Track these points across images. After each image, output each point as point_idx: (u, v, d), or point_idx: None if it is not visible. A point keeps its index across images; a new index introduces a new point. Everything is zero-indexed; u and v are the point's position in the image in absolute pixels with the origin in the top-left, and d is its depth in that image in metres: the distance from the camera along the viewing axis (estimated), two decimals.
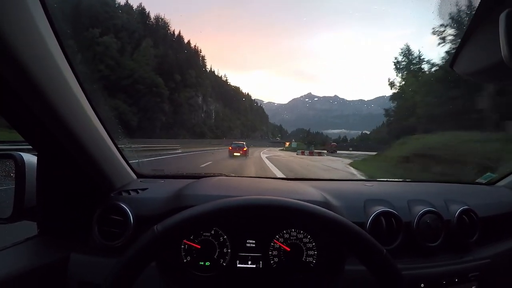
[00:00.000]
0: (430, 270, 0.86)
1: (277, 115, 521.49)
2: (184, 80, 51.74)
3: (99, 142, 0.82)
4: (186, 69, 54.79)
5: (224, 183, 1.10)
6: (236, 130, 74.06)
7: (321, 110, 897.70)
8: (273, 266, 0.89)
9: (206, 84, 67.71)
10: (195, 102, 53.97)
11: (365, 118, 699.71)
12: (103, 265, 0.79)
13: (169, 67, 47.27)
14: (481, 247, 0.98)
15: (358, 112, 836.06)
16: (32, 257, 0.77)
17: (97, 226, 0.83)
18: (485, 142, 6.77)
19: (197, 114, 54.36)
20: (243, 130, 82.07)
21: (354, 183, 1.39)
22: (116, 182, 0.95)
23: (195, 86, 56.67)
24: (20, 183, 0.80)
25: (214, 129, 59.69)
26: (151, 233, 0.48)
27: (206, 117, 61.56)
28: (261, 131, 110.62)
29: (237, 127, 76.82)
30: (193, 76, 55.18)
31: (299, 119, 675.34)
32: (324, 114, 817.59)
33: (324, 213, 0.53)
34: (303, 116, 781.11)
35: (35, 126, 0.66)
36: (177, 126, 44.41)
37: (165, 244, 0.50)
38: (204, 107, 60.88)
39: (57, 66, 0.62)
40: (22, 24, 0.52)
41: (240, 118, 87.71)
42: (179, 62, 53.11)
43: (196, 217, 0.51)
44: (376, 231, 0.86)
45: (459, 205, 0.99)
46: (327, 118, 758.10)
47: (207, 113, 63.36)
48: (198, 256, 0.88)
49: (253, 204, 0.53)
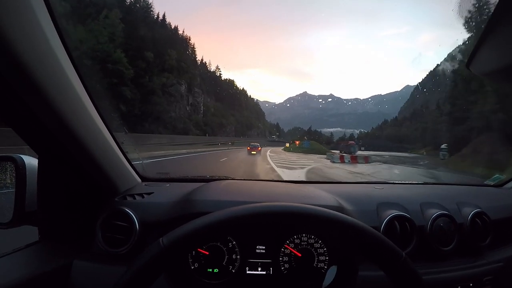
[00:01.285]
0: (445, 275, 0.85)
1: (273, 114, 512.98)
2: (160, 61, 40.79)
3: (102, 143, 0.81)
4: (164, 47, 43.58)
5: (233, 188, 1.05)
6: (229, 127, 63.50)
7: (317, 109, 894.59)
8: (284, 272, 0.86)
9: (194, 73, 56.47)
10: (176, 91, 43.20)
11: (361, 117, 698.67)
12: (108, 273, 0.77)
13: (139, 42, 36.15)
14: (493, 250, 0.97)
15: (353, 111, 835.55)
16: (34, 264, 0.75)
17: (101, 232, 0.81)
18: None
19: (179, 106, 43.47)
20: (237, 127, 71.41)
21: (364, 185, 1.34)
22: (120, 185, 0.93)
23: (177, 71, 45.82)
24: (20, 187, 0.78)
25: (202, 126, 49.09)
26: (157, 247, 0.46)
27: (192, 111, 50.53)
28: (257, 129, 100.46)
29: (230, 124, 66.26)
30: (173, 58, 44.07)
31: (294, 118, 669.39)
32: (319, 113, 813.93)
33: (342, 218, 0.51)
34: (299, 115, 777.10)
35: (36, 127, 0.64)
36: (149, 120, 33.30)
37: (172, 257, 0.47)
38: (189, 99, 49.54)
39: (60, 67, 0.61)
40: (25, 24, 0.50)
41: (234, 114, 77.76)
42: (155, 39, 41.62)
43: (205, 228, 0.48)
44: (390, 235, 0.85)
45: (472, 208, 0.98)
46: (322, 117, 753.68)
47: (194, 106, 52.21)
48: (206, 262, 0.85)
49: (267, 211, 0.50)
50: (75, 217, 0.86)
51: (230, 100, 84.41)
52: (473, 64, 0.55)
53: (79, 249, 0.82)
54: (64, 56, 0.62)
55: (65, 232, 0.86)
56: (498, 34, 0.47)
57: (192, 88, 52.15)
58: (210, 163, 14.05)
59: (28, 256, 0.78)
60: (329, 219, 0.51)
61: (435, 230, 0.90)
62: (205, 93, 64.22)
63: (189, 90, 50.07)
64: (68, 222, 0.86)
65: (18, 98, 0.55)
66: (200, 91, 56.21)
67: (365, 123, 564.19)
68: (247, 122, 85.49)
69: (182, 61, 48.67)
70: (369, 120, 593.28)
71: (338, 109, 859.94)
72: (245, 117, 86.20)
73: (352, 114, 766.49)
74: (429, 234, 0.89)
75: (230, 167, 12.19)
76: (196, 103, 54.00)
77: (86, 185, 0.85)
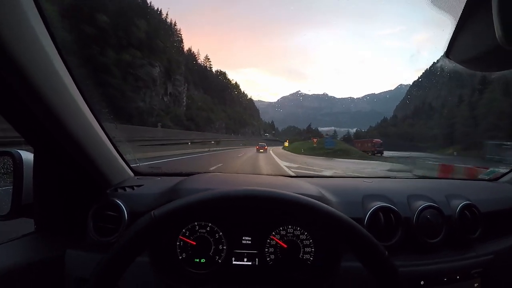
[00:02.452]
0: (430, 267, 0.84)
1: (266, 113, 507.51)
2: (123, 32, 30.95)
3: (95, 139, 0.83)
4: (130, 16, 33.86)
5: (219, 178, 1.09)
6: (218, 123, 53.74)
7: (311, 108, 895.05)
8: (269, 263, 0.88)
9: (177, 59, 46.21)
10: (146, 74, 33.08)
11: (355, 116, 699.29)
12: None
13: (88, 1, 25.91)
14: (483, 243, 0.96)
15: (347, 110, 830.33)
16: (29, 253, 0.77)
17: (92, 222, 0.84)
18: None
19: (150, 94, 33.35)
20: (229, 124, 61.47)
21: (353, 179, 1.33)
22: (113, 179, 0.95)
23: (149, 50, 35.70)
24: (18, 180, 0.80)
25: (183, 120, 38.88)
26: (149, 218, 0.48)
27: (171, 102, 40.36)
28: (252, 126, 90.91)
29: (220, 120, 56.45)
30: (142, 31, 34.08)
31: (288, 117, 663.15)
32: (313, 112, 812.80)
33: (327, 209, 0.51)
34: (293, 114, 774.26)
35: (31, 122, 0.66)
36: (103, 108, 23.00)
37: (161, 230, 0.49)
38: (168, 88, 39.12)
39: (51, 63, 0.62)
40: (15, 18, 0.51)
41: (225, 109, 67.80)
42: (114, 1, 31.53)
43: (193, 204, 0.50)
44: (374, 226, 0.85)
45: (461, 200, 0.97)
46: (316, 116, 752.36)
47: (175, 97, 41.90)
48: (194, 253, 0.87)
49: (252, 194, 0.52)
50: (69, 209, 0.89)
51: (221, 94, 75.20)
52: (452, 52, 0.55)
53: (72, 239, 0.85)
54: (54, 51, 0.63)
55: (59, 223, 0.89)
56: (474, 21, 0.47)
57: (172, 76, 42.15)
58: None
59: (24, 245, 0.80)
60: (312, 207, 0.51)
61: (421, 222, 0.88)
62: (191, 84, 54.42)
63: (167, 76, 40.02)
64: (62, 213, 0.89)
65: (12, 92, 0.57)
66: (182, 79, 46.48)
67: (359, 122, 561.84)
68: (240, 118, 75.95)
69: (157, 38, 38.54)
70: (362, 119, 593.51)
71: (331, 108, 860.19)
72: (238, 113, 76.85)
73: (345, 113, 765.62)
74: (415, 226, 0.88)
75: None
76: (177, 93, 44.07)
77: (80, 179, 0.87)
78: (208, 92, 65.83)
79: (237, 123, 70.03)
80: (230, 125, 62.34)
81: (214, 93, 69.67)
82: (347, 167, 13.25)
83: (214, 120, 51.83)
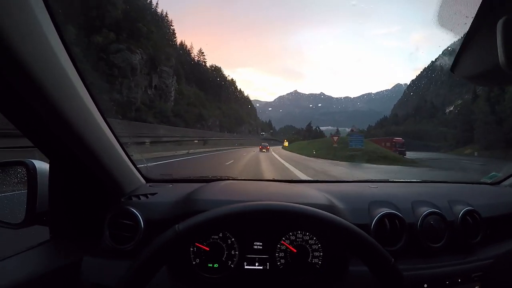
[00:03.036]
0: (433, 270, 0.88)
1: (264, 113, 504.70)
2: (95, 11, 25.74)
3: (108, 147, 0.85)
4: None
5: (231, 188, 1.11)
6: (211, 120, 48.94)
7: (308, 107, 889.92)
8: (280, 267, 0.91)
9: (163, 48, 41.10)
10: (123, 61, 27.95)
11: (352, 115, 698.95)
12: (115, 267, 0.81)
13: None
14: (484, 248, 0.99)
15: (344, 109, 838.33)
16: (46, 261, 0.80)
17: (109, 230, 0.87)
18: None
19: (128, 85, 28.34)
20: (223, 122, 56.53)
21: (358, 184, 1.37)
22: (126, 187, 0.98)
23: (130, 34, 30.59)
24: (32, 189, 0.82)
25: (170, 116, 33.95)
26: (173, 232, 0.51)
27: (156, 96, 35.38)
28: (249, 125, 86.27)
29: (214, 117, 51.47)
30: (119, 9, 28.98)
31: (285, 116, 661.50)
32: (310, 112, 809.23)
33: (334, 220, 0.56)
34: (290, 113, 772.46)
35: (45, 133, 0.69)
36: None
37: (184, 243, 0.52)
38: (153, 80, 34.30)
39: (64, 71, 0.63)
40: (26, 27, 0.51)
41: (220, 107, 62.66)
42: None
43: (214, 220, 0.54)
44: (380, 232, 0.89)
45: (463, 206, 1.00)
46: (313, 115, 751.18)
47: (161, 90, 36.97)
48: (207, 258, 0.91)
49: (270, 209, 0.57)
50: (84, 216, 0.92)
51: (216, 90, 69.89)
52: (457, 68, 0.57)
53: (88, 246, 0.87)
54: (68, 63, 0.64)
55: (74, 230, 0.91)
56: (479, 39, 0.49)
57: (158, 66, 37.02)
58: None
59: (40, 253, 0.82)
60: (321, 219, 0.56)
61: (425, 227, 0.92)
62: (182, 79, 49.69)
63: (152, 67, 34.96)
64: (77, 221, 0.91)
65: (26, 105, 0.58)
66: (171, 72, 41.18)
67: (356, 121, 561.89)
68: (236, 116, 70.99)
69: (139, 21, 33.41)
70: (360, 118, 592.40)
71: (328, 108, 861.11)
72: (234, 111, 71.76)
73: (343, 113, 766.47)
74: (419, 232, 0.92)
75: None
76: (164, 86, 38.96)
77: (94, 187, 0.90)
78: (202, 88, 60.79)
79: (232, 121, 65.02)
80: (224, 123, 57.32)
81: (208, 89, 64.59)
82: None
83: (207, 117, 46.74)
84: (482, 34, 0.47)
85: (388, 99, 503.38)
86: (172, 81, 42.15)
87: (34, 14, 0.52)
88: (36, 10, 0.53)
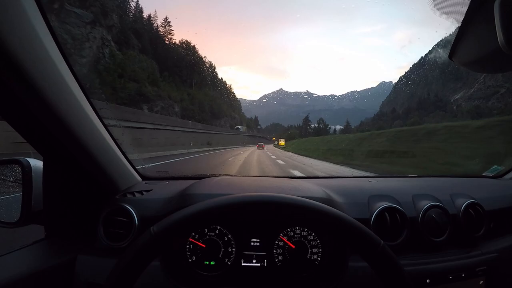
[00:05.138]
0: (436, 265, 0.86)
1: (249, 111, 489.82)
2: None
3: (103, 145, 0.85)
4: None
5: (226, 182, 1.09)
6: (163, 103, 31.44)
7: (293, 105, 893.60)
8: (278, 264, 0.90)
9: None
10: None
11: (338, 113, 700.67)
12: (109, 265, 0.85)
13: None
14: (488, 241, 0.98)
15: (330, 107, 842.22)
16: (40, 259, 0.79)
17: (103, 227, 0.86)
18: None
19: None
20: (188, 110, 38.66)
21: (358, 179, 1.35)
22: (121, 184, 0.98)
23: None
24: (27, 188, 0.82)
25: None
26: (148, 234, 0.49)
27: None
28: (231, 118, 69.03)
29: (177, 103, 34.20)
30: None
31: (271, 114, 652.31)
32: (295, 110, 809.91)
33: (320, 207, 0.53)
34: (275, 111, 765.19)
35: (39, 130, 0.68)
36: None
37: (164, 244, 0.50)
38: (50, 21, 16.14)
39: (56, 68, 0.62)
40: (19, 25, 0.51)
41: (189, 92, 45.14)
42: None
43: (192, 216, 0.51)
44: (380, 227, 0.88)
45: (465, 199, 0.99)
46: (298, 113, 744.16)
47: (63, 40, 17.81)
48: (203, 255, 0.90)
49: (248, 201, 0.53)
50: (79, 214, 0.90)
51: (185, 71, 52.30)
52: (455, 55, 0.56)
53: (83, 244, 0.87)
54: (60, 60, 0.64)
55: (69, 229, 0.90)
56: (477, 24, 0.48)
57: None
58: None
59: (35, 252, 0.82)
60: (304, 206, 0.52)
61: (426, 221, 0.90)
62: (136, 50, 39.40)
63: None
64: (72, 219, 0.90)
65: (19, 102, 0.58)
66: (87, 16, 25.12)
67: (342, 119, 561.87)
68: (213, 105, 53.57)
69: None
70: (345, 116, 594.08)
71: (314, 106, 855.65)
72: (210, 98, 54.13)
73: (328, 110, 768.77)
74: (420, 225, 0.90)
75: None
76: (69, 36, 21.01)
77: (89, 185, 0.89)
78: (166, 67, 43.51)
79: (205, 111, 47.80)
80: (189, 112, 40.13)
81: (172, 67, 47.39)
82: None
83: (154, 98, 29.65)
84: (480, 17, 0.47)
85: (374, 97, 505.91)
86: (93, 34, 24.97)
87: (27, 14, 0.52)
88: (28, 9, 0.53)
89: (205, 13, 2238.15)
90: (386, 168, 9.82)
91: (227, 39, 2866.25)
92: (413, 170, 9.17)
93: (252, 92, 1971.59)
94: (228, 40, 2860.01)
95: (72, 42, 25.74)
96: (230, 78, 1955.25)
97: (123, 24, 40.35)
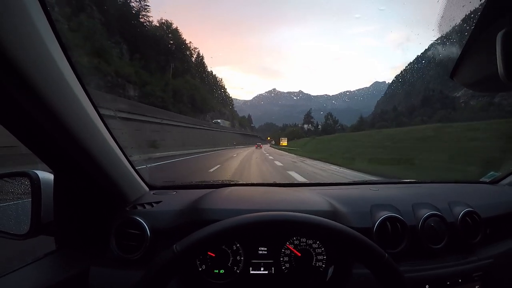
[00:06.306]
0: (434, 271, 0.90)
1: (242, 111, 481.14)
2: None
3: (111, 156, 0.86)
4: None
5: (236, 195, 1.12)
6: (123, 90, 23.44)
7: (286, 105, 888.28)
8: (285, 271, 0.94)
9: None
10: None
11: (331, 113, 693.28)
12: (122, 277, 0.83)
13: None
14: (484, 247, 1.02)
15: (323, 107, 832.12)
16: (54, 271, 0.80)
17: (115, 239, 0.88)
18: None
19: None
20: (162, 98, 30.27)
21: (360, 187, 1.40)
22: (130, 195, 1.00)
23: None
24: (36, 200, 0.83)
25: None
26: (171, 253, 0.51)
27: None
28: (220, 114, 60.73)
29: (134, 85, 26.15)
30: None
31: (264, 114, 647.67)
32: (289, 110, 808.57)
33: (328, 224, 0.58)
34: (268, 111, 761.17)
35: (51, 147, 0.69)
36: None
37: (184, 262, 0.52)
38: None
39: (66, 82, 0.62)
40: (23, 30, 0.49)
41: (168, 81, 37.07)
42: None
43: (213, 235, 0.54)
44: (382, 235, 0.92)
45: (462, 207, 1.03)
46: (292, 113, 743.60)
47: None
48: (213, 264, 0.93)
49: (264, 220, 0.57)
50: (90, 226, 0.93)
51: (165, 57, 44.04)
52: (457, 75, 0.58)
53: (94, 256, 0.88)
54: (68, 70, 0.63)
55: (80, 240, 0.92)
56: (479, 47, 0.49)
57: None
58: None
59: (48, 264, 0.83)
60: (316, 225, 0.57)
61: (426, 229, 0.95)
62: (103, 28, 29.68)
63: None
64: (83, 231, 0.92)
65: (29, 118, 0.57)
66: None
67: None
68: (195, 95, 44.96)
69: None
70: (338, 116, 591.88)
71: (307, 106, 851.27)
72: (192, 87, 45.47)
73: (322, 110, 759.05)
74: (420, 234, 0.94)
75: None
76: None
77: (99, 197, 0.91)
78: (144, 52, 35.34)
79: (183, 101, 39.09)
80: (156, 99, 30.98)
81: (149, 51, 39.13)
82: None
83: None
84: (483, 41, 0.48)
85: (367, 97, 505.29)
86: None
87: (31, 18, 0.50)
88: (33, 13, 0.51)
89: (199, 14, 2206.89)
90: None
91: (221, 39, 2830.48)
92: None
93: (246, 92, 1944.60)
94: (222, 40, 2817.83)
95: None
96: (224, 78, 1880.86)
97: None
